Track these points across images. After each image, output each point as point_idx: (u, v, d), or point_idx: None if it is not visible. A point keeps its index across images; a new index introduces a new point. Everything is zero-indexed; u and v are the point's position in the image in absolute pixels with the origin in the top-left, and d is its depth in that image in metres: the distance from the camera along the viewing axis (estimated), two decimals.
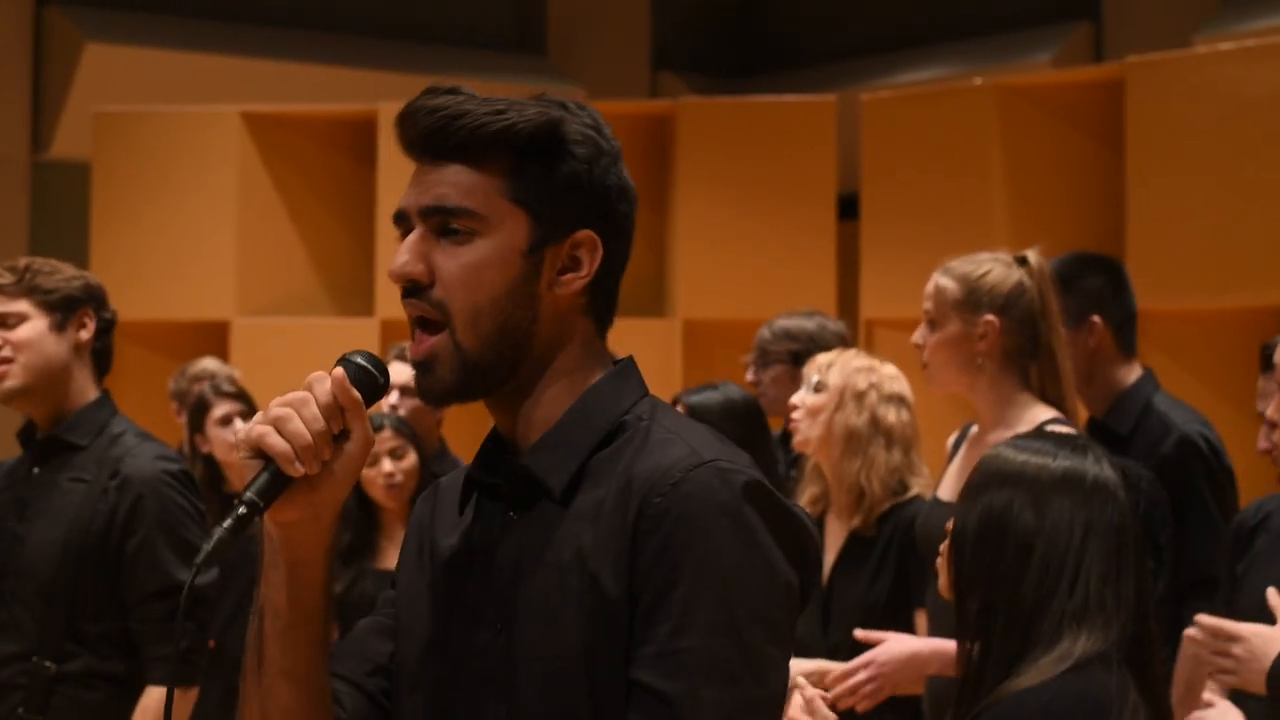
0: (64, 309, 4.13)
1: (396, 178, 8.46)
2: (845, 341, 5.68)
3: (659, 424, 2.04)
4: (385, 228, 8.54)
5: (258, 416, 1.99)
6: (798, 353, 5.70)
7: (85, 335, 4.15)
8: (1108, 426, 4.72)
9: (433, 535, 2.15)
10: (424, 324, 2.05)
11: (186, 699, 4.10)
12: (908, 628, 4.38)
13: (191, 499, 4.11)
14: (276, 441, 1.94)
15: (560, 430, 2.05)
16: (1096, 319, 4.79)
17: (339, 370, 1.99)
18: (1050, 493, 2.72)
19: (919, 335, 4.19)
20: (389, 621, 2.15)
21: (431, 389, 2.05)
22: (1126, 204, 6.96)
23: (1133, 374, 4.85)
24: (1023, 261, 4.13)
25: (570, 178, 2.05)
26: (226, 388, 6.45)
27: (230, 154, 8.75)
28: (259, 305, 8.72)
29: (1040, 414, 4.00)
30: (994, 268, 4.11)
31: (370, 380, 2.02)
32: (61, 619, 3.99)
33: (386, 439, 5.44)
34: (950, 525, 2.82)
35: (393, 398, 5.97)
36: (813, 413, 4.55)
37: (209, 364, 7.09)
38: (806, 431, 4.55)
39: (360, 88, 10.33)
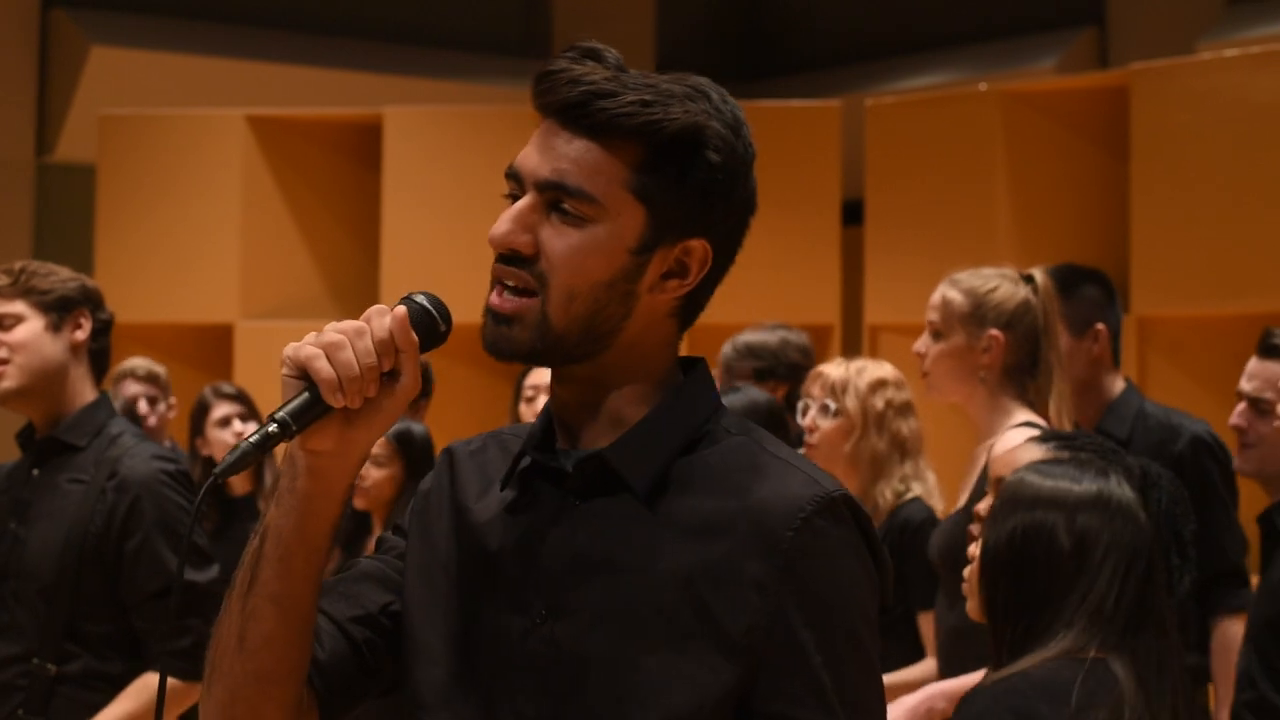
0: (60, 310, 4.13)
1: (402, 181, 8.49)
2: (808, 354, 5.69)
3: (758, 444, 2.00)
4: (390, 231, 8.55)
5: (309, 336, 1.91)
6: (760, 370, 5.71)
7: (81, 336, 4.15)
8: (1105, 433, 4.73)
9: (460, 503, 2.06)
10: (515, 290, 1.96)
11: (193, 694, 4.07)
12: (906, 627, 4.42)
13: (189, 498, 4.10)
14: (323, 366, 1.87)
15: (646, 428, 1.98)
16: (1101, 327, 4.86)
17: (401, 308, 1.92)
18: (1077, 515, 2.75)
19: (921, 344, 4.23)
20: (392, 573, 2.08)
21: (502, 342, 1.96)
22: (1131, 210, 6.96)
23: (1119, 383, 4.95)
24: (1029, 279, 4.18)
25: (700, 185, 1.96)
26: (226, 389, 6.46)
27: (235, 157, 8.76)
28: (263, 308, 8.72)
29: (1019, 418, 4.06)
30: (1001, 284, 4.17)
31: (431, 324, 1.94)
32: (61, 620, 3.99)
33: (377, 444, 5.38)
34: (974, 550, 2.86)
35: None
36: (834, 440, 4.59)
37: (130, 361, 7.06)
38: (828, 458, 4.58)
39: (365, 91, 10.34)
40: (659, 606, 1.90)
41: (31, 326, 4.09)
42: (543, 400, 4.99)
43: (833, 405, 4.59)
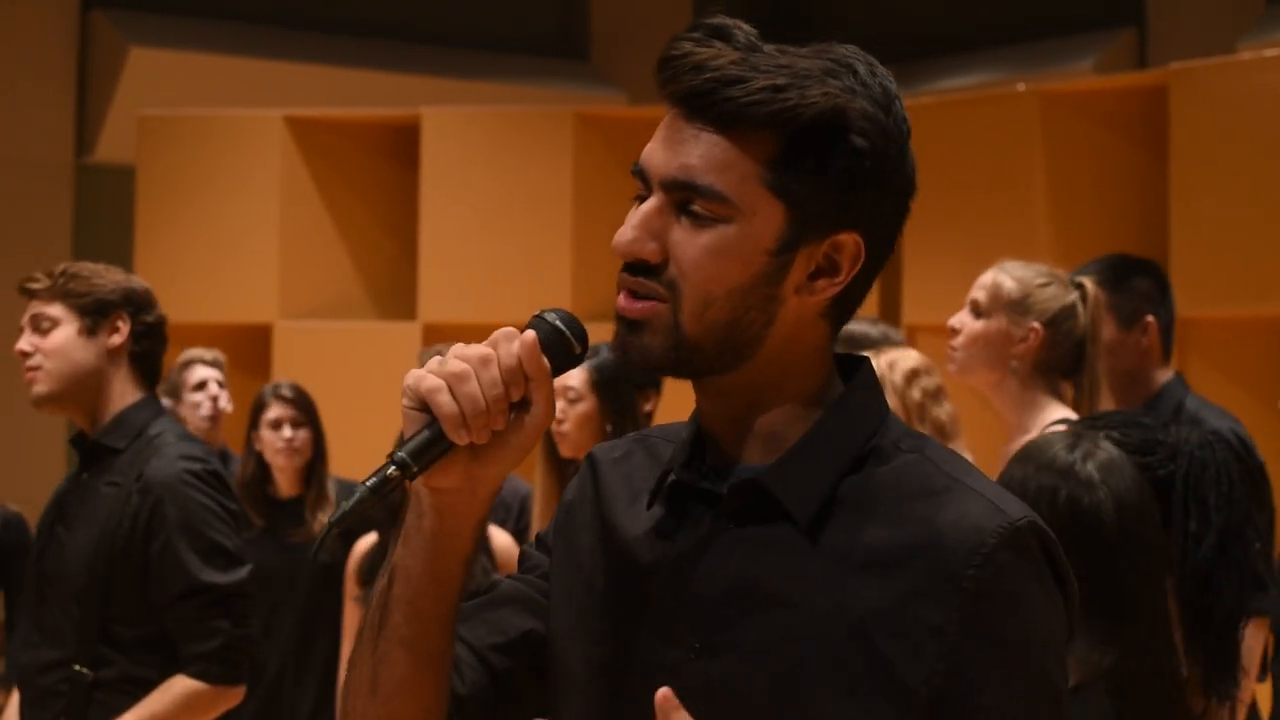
0: (95, 314, 4.09)
1: (440, 182, 8.50)
2: None
3: (932, 461, 1.80)
4: (428, 231, 8.57)
5: (431, 364, 1.75)
6: None
7: (118, 340, 4.10)
8: None
9: (605, 518, 1.90)
10: (643, 296, 1.77)
11: (226, 697, 4.06)
12: None
13: (217, 498, 4.05)
14: (446, 401, 1.71)
15: (806, 448, 1.79)
16: (1150, 319, 4.81)
17: (530, 334, 1.74)
18: (1034, 481, 2.73)
19: (958, 320, 4.24)
20: (537, 595, 1.93)
21: (635, 351, 1.78)
22: (1169, 211, 6.94)
23: (1166, 375, 4.89)
24: (1079, 287, 4.20)
25: (844, 174, 1.75)
26: (286, 392, 6.48)
27: (273, 158, 8.78)
28: (301, 309, 8.74)
29: (1055, 414, 4.07)
30: (1053, 283, 4.21)
31: (564, 346, 1.78)
32: (95, 624, 3.97)
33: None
34: None
35: None
36: None
37: (193, 350, 7.13)
38: None
39: (403, 92, 10.36)
40: (824, 648, 1.72)
41: (65, 331, 4.07)
42: (561, 404, 4.96)
43: None
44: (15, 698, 4.27)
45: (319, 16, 11.41)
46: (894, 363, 4.66)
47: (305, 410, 6.43)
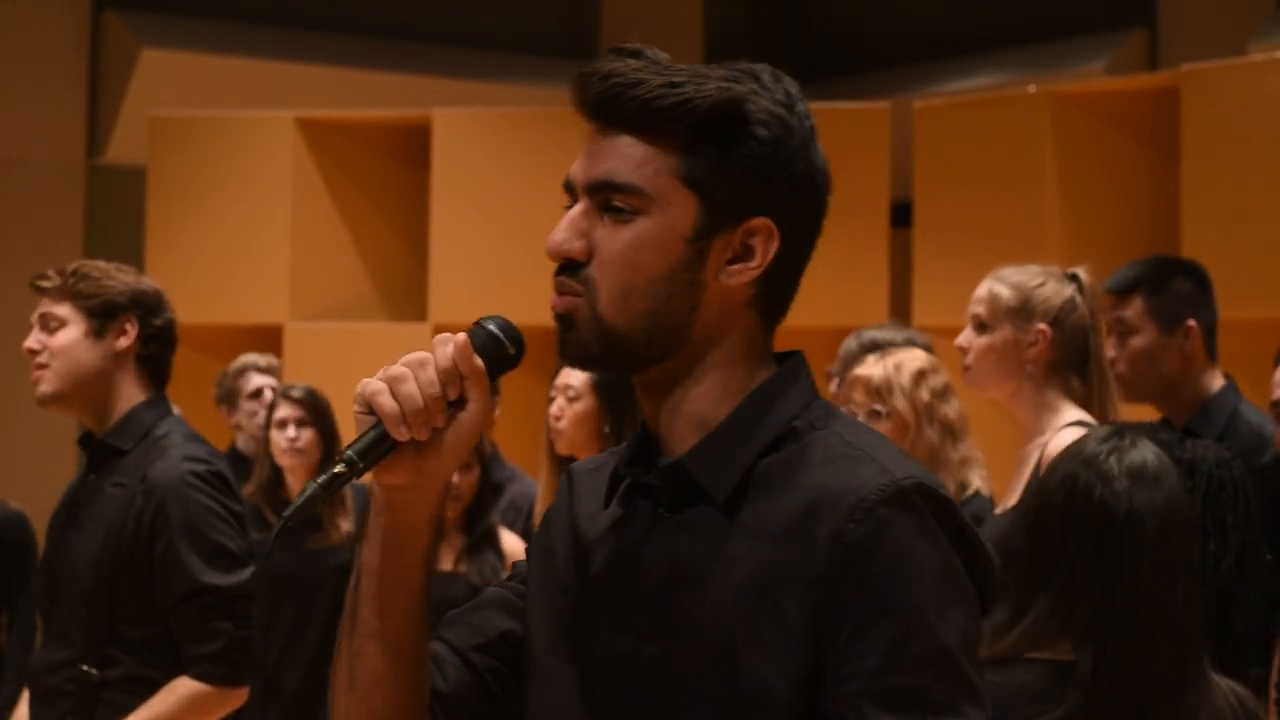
0: (103, 316, 4.08)
1: (450, 183, 8.51)
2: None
3: (837, 434, 1.91)
4: (439, 232, 8.57)
5: (380, 372, 1.89)
6: None
7: (125, 343, 4.10)
8: (1193, 433, 4.45)
9: (576, 523, 2.03)
10: (564, 293, 1.93)
11: (230, 698, 4.07)
12: None
13: (221, 499, 4.05)
14: (386, 401, 1.85)
15: (724, 432, 1.92)
16: (1192, 323, 4.65)
17: (462, 335, 1.89)
18: (1051, 480, 2.74)
19: (964, 338, 4.25)
20: (515, 599, 2.06)
21: (571, 348, 1.92)
22: (1181, 212, 6.93)
23: (1216, 381, 4.72)
24: (1074, 278, 4.19)
25: (749, 161, 1.89)
26: (295, 393, 6.49)
27: (284, 159, 8.79)
28: (312, 310, 8.75)
29: (1070, 417, 4.07)
30: (1048, 280, 4.20)
31: (498, 348, 1.92)
32: (102, 625, 3.97)
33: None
34: None
35: None
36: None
37: (248, 357, 7.15)
38: None
39: (414, 93, 10.36)
40: (743, 617, 1.84)
41: (72, 332, 4.06)
42: (560, 402, 4.99)
43: (882, 409, 4.56)
44: (25, 695, 4.29)
45: (330, 18, 11.42)
46: (900, 364, 4.66)
47: (314, 411, 6.43)
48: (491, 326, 1.92)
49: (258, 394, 6.94)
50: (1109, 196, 7.43)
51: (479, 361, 1.89)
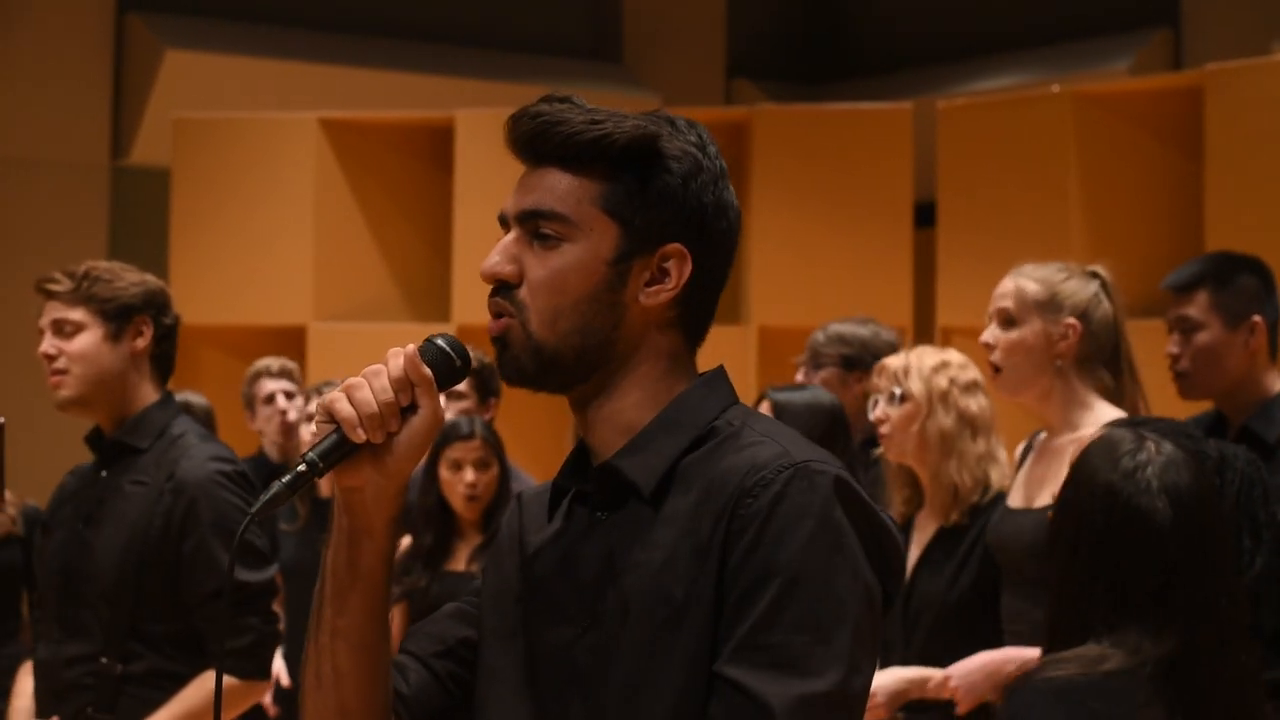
0: (119, 318, 4.09)
1: (473, 184, 8.51)
2: (896, 350, 5.64)
3: (750, 428, 2.08)
4: (462, 233, 8.58)
5: (339, 383, 2.05)
6: (849, 357, 5.71)
7: (142, 344, 4.12)
8: (1252, 432, 4.46)
9: (521, 540, 2.19)
10: (498, 315, 2.12)
11: (255, 691, 4.11)
12: (990, 629, 4.36)
13: (247, 498, 4.06)
14: (343, 407, 2.01)
15: (649, 433, 2.09)
16: (1258, 319, 4.54)
17: (412, 346, 2.06)
18: (1095, 489, 2.72)
19: (990, 335, 4.19)
20: (470, 609, 2.20)
21: (507, 367, 2.10)
22: (1205, 212, 6.92)
23: (1278, 381, 4.59)
24: (1095, 275, 4.17)
25: (663, 191, 2.08)
26: (327, 391, 6.52)
27: (308, 160, 8.81)
28: (336, 310, 8.76)
29: (1107, 414, 4.01)
30: (1072, 275, 4.17)
31: (445, 361, 2.07)
32: (125, 621, 4.00)
33: (475, 449, 5.42)
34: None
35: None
36: (902, 425, 4.50)
37: (261, 362, 7.16)
38: (901, 444, 4.50)
39: (437, 94, 10.37)
40: (665, 600, 2.00)
41: (90, 336, 4.08)
42: None
43: (898, 390, 4.53)
44: (22, 687, 4.29)
45: (353, 20, 11.43)
46: (923, 353, 4.64)
47: (295, 381, 6.47)
48: (440, 341, 2.09)
49: (270, 399, 6.95)
50: (1132, 196, 7.42)
51: (427, 370, 2.04)
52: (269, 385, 6.95)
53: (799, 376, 5.95)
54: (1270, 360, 4.61)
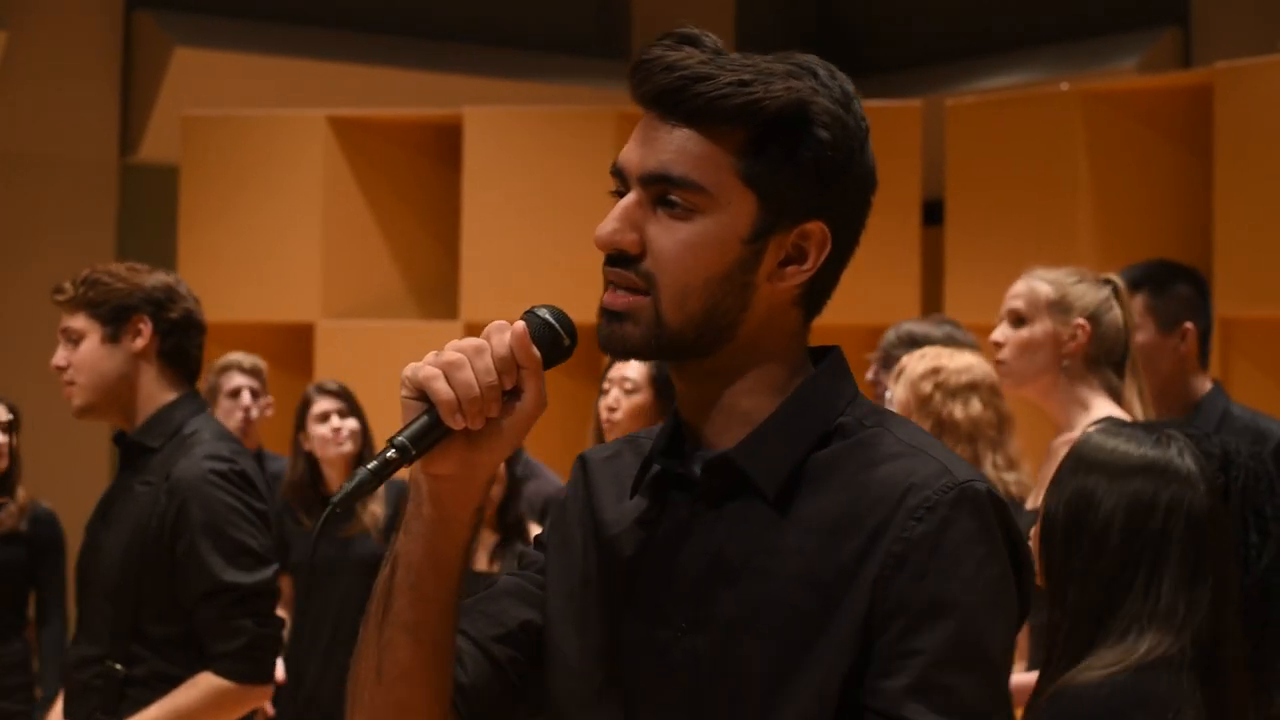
0: (115, 320, 4.06)
1: (482, 181, 8.52)
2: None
3: (889, 432, 1.90)
4: (470, 230, 8.59)
5: (428, 356, 1.82)
6: None
7: (142, 343, 4.08)
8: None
9: (595, 514, 2.00)
10: (626, 289, 1.88)
11: (252, 695, 4.06)
12: None
13: (244, 497, 4.03)
14: (442, 388, 1.79)
15: (774, 426, 1.90)
16: (1189, 325, 4.86)
17: (520, 324, 1.83)
18: (1129, 479, 2.72)
19: (1000, 333, 4.26)
20: (532, 589, 2.02)
21: (615, 339, 1.89)
22: (1214, 211, 6.91)
23: (1205, 383, 4.94)
24: (1108, 282, 4.23)
25: (810, 164, 1.86)
26: (329, 385, 6.51)
27: (316, 157, 8.81)
28: (344, 308, 8.77)
29: (1101, 411, 4.06)
30: (1084, 280, 4.25)
31: (554, 339, 1.86)
32: (127, 622, 3.98)
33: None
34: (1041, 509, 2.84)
35: None
36: None
37: (233, 355, 7.15)
38: None
39: (445, 92, 10.37)
40: (796, 612, 1.83)
41: (90, 342, 4.06)
42: (616, 394, 4.97)
43: (889, 394, 4.58)
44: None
45: (362, 17, 11.44)
46: (924, 356, 4.65)
47: (351, 402, 6.46)
48: (547, 316, 1.87)
49: (236, 393, 6.91)
50: (1141, 195, 7.41)
51: (537, 352, 1.83)
52: (238, 379, 6.91)
53: (868, 375, 5.95)
54: (1199, 366, 4.93)
